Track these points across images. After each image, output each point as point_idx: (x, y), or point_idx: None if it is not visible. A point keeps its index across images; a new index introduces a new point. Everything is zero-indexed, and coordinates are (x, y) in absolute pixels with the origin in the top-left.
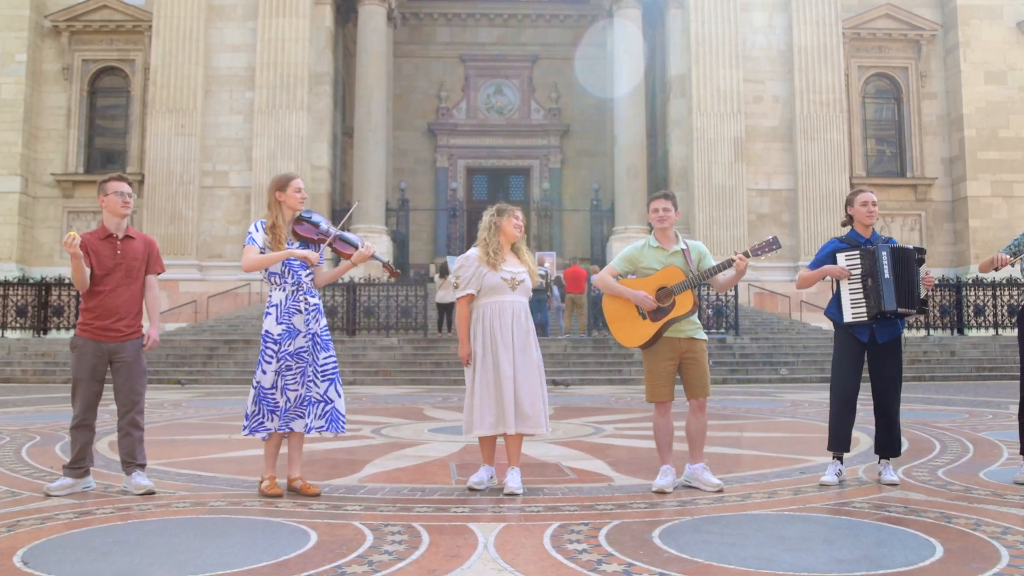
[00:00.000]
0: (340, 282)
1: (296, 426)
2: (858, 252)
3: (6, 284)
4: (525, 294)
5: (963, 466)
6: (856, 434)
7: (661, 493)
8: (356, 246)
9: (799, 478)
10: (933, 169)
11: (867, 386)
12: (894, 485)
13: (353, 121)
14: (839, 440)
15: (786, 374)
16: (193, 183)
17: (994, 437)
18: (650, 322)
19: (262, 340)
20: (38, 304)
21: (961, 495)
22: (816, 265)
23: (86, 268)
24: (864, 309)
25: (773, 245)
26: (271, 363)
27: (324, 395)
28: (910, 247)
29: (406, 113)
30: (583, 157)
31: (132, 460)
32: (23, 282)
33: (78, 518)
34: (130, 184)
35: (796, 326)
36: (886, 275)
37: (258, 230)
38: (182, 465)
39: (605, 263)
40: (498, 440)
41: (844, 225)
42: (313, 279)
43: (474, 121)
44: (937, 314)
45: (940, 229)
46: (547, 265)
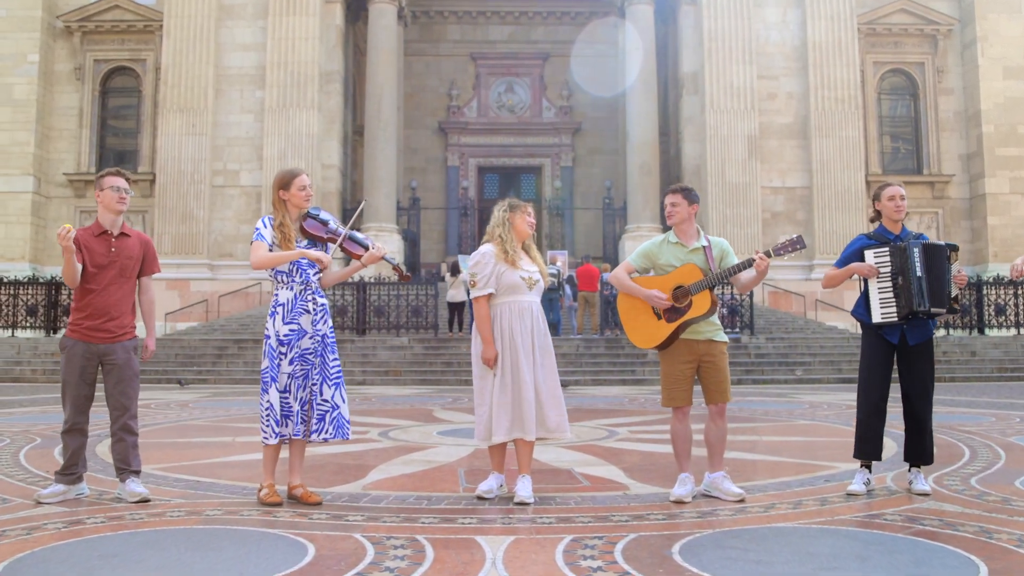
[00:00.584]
0: (350, 281)
1: (304, 432)
2: (887, 249)
3: (17, 284)
4: (539, 294)
5: (997, 474)
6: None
7: (679, 503)
8: (367, 247)
9: (824, 487)
10: (950, 166)
11: (895, 386)
12: (926, 495)
13: (363, 119)
14: (868, 448)
15: (802, 375)
16: (204, 182)
17: None
18: (665, 323)
19: (266, 348)
20: (48, 303)
21: (999, 507)
22: (843, 263)
23: (78, 264)
24: (894, 309)
25: (797, 244)
26: (279, 366)
27: (331, 400)
28: (942, 243)
29: (417, 111)
30: (595, 155)
31: (126, 466)
32: (33, 281)
33: (67, 528)
34: (128, 180)
35: (812, 325)
36: (918, 272)
37: (266, 226)
38: (181, 470)
39: (617, 262)
40: (508, 445)
41: (872, 221)
42: (321, 279)
43: (485, 119)
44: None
45: (958, 227)
46: (559, 264)
